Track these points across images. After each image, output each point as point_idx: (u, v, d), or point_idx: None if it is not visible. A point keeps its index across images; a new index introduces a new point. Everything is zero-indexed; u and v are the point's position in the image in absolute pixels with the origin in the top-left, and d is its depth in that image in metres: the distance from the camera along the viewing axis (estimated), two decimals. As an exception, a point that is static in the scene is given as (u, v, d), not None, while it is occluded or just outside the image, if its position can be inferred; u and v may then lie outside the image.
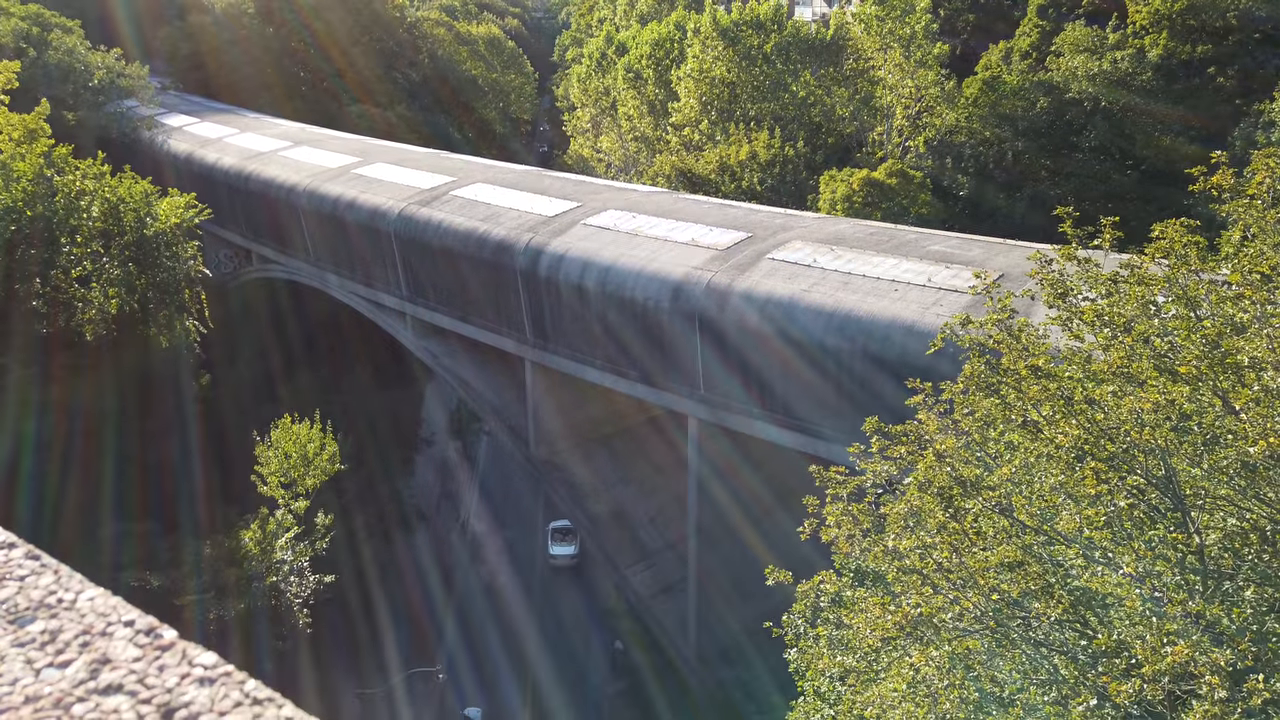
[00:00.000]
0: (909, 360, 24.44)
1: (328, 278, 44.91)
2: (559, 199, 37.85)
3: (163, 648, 1.95)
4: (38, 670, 1.90)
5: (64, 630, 2.00)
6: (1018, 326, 10.05)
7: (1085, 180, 47.29)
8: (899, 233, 31.59)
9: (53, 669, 1.90)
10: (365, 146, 51.49)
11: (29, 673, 1.89)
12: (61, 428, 30.36)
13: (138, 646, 1.96)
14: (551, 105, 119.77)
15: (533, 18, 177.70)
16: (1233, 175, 9.86)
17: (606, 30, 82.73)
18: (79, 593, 2.11)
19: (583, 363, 34.16)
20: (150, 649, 1.95)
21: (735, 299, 28.15)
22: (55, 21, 60.33)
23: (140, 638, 1.99)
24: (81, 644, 1.97)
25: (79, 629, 2.00)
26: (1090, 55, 49.42)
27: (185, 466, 33.67)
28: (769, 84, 59.49)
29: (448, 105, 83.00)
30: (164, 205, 36.56)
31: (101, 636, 1.98)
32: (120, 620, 2.02)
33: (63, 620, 2.02)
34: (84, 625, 2.01)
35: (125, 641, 1.97)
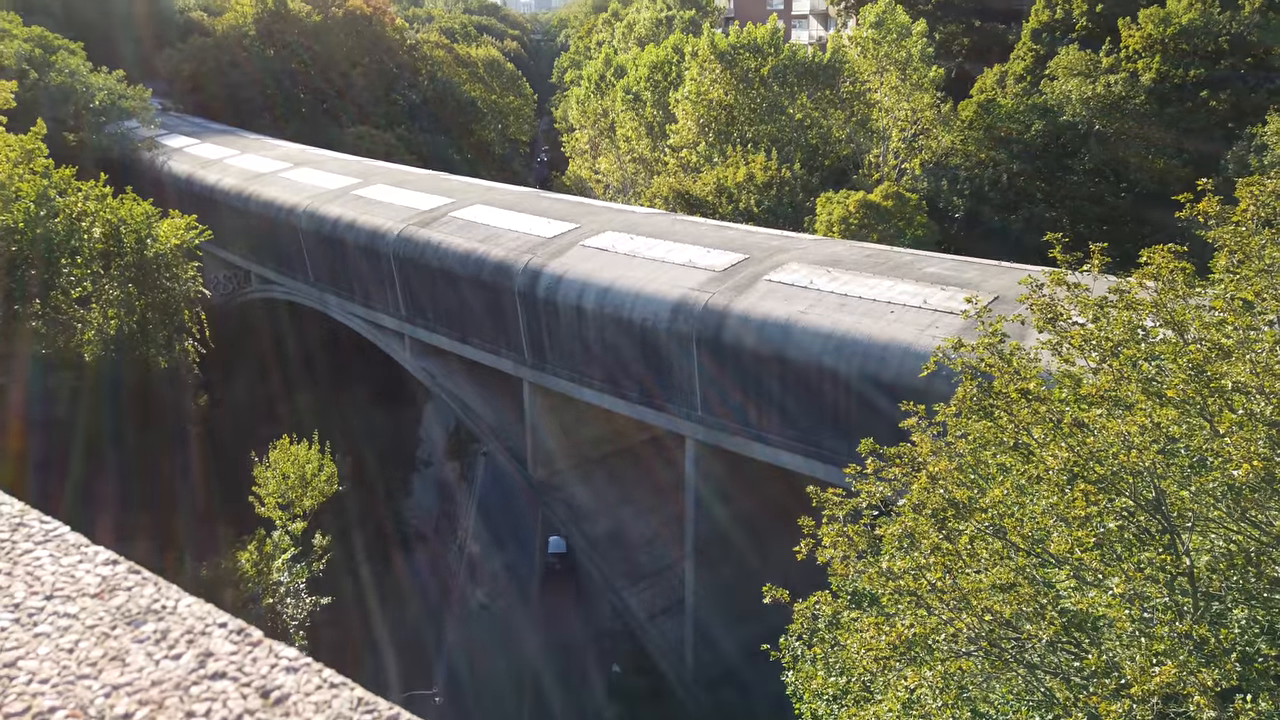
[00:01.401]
0: (905, 381, 24.56)
1: (327, 298, 45.09)
2: (557, 220, 38.09)
3: (253, 644, 2.38)
4: (157, 661, 2.32)
5: (171, 630, 2.42)
6: (1009, 350, 10.21)
7: (1080, 202, 47.68)
8: (895, 255, 31.82)
9: (168, 660, 2.32)
10: (365, 168, 51.82)
11: (150, 663, 2.31)
12: (59, 449, 30.39)
13: (232, 643, 2.38)
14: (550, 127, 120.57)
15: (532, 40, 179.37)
16: (1219, 201, 10.04)
17: (605, 53, 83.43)
18: (178, 600, 2.54)
19: (580, 383, 34.27)
20: (244, 644, 2.38)
21: (733, 320, 28.31)
22: (58, 43, 60.79)
23: (234, 636, 2.41)
24: (187, 641, 2.39)
25: (183, 629, 2.43)
26: (1084, 79, 49.93)
27: (183, 487, 33.70)
28: (766, 106, 60.01)
29: (447, 127, 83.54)
30: (164, 226, 36.73)
31: (202, 635, 2.41)
32: (215, 622, 2.46)
33: (168, 622, 2.45)
34: (186, 626, 2.44)
35: (222, 639, 2.40)
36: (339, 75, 79.67)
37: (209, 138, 61.25)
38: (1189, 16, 48.09)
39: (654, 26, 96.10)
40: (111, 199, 36.24)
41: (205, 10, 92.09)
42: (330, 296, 44.80)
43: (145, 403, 35.51)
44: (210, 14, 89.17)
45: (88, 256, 34.17)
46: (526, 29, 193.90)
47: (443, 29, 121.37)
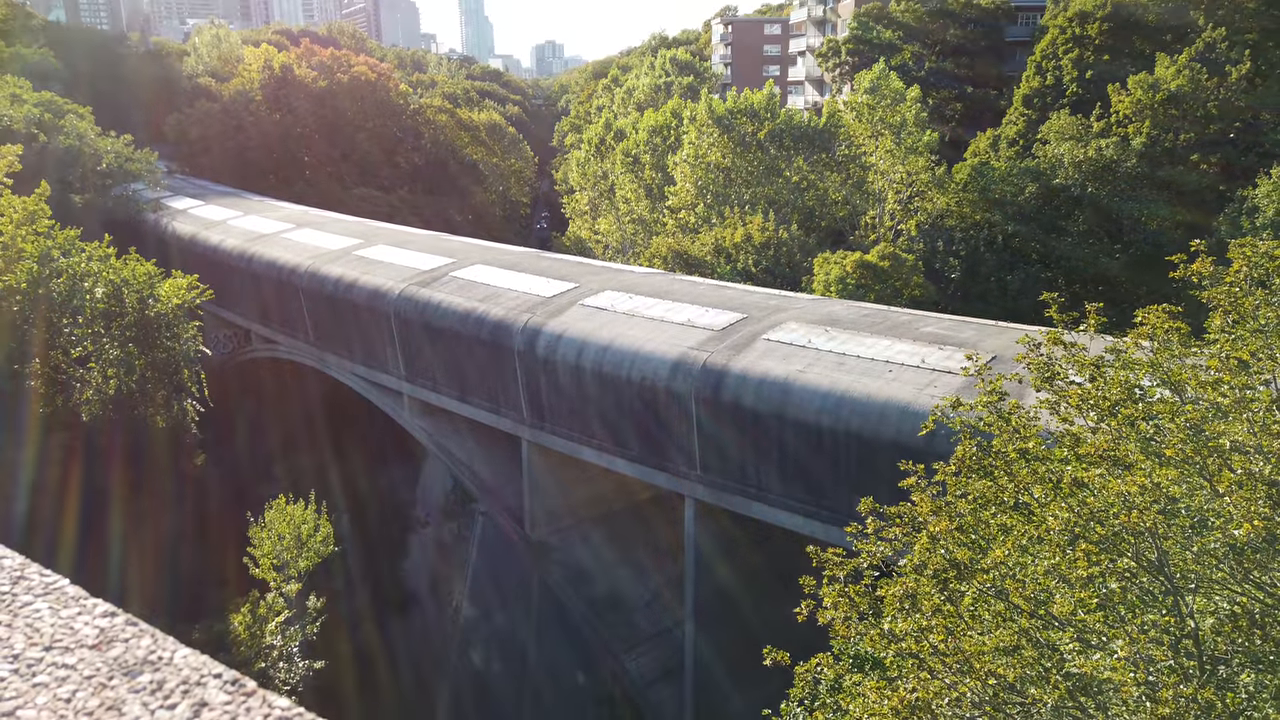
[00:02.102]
0: (904, 440, 24.51)
1: (326, 357, 45.19)
2: (557, 280, 38.38)
3: (247, 694, 2.42)
4: (152, 711, 2.35)
5: (167, 681, 2.47)
6: (1008, 409, 10.22)
7: (1075, 263, 48.12)
8: (892, 314, 32.00)
9: (164, 710, 2.35)
10: (367, 229, 52.37)
11: (146, 712, 2.35)
12: (53, 510, 30.17)
13: (227, 693, 2.42)
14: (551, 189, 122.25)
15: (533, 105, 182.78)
16: (1212, 262, 10.16)
17: (605, 117, 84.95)
18: (174, 651, 2.60)
19: (579, 442, 34.17)
20: (238, 695, 2.41)
21: (731, 379, 28.35)
22: (68, 108, 61.93)
23: (228, 687, 2.45)
24: (183, 691, 2.42)
25: (179, 679, 2.47)
26: (1075, 143, 50.78)
27: (177, 548, 33.36)
28: (763, 169, 60.96)
29: (449, 188, 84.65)
30: (166, 286, 37.01)
31: (197, 686, 2.45)
32: (210, 673, 2.50)
33: (164, 673, 2.49)
34: (182, 677, 2.48)
35: (217, 689, 2.43)
36: (343, 139, 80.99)
37: (213, 199, 62.00)
38: (1177, 83, 49.10)
39: (653, 92, 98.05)
40: (115, 259, 36.56)
41: (213, 76, 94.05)
42: (330, 356, 44.91)
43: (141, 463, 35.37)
44: (218, 79, 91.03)
45: (89, 316, 34.34)
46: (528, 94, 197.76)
47: (446, 94, 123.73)
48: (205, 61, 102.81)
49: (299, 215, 56.78)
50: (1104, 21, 57.31)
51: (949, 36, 79.44)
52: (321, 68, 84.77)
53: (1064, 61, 58.80)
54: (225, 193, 65.72)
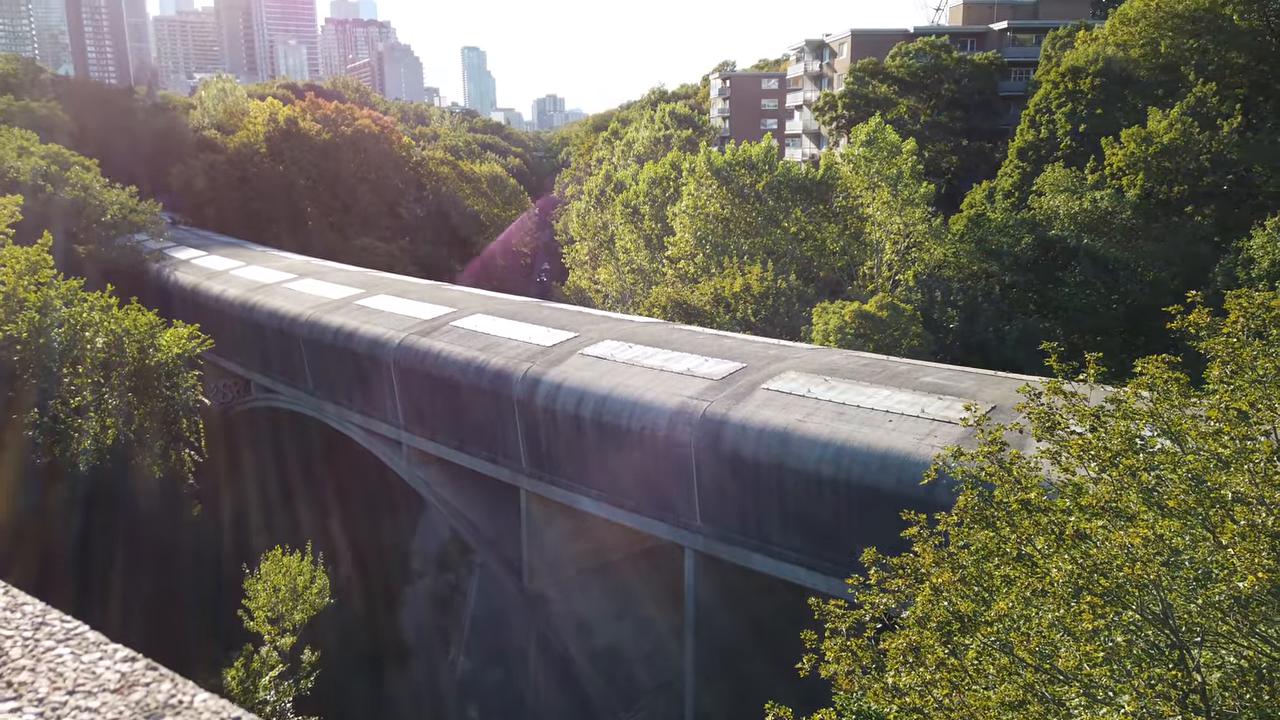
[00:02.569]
0: (905, 491, 24.38)
1: (325, 407, 45.14)
2: (557, 329, 38.51)
3: None
4: None
5: None
6: (1009, 459, 10.19)
7: (1073, 313, 48.28)
8: (891, 364, 32.05)
9: None
10: (368, 279, 52.67)
11: None
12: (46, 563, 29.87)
13: None
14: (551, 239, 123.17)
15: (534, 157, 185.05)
16: (1209, 313, 10.22)
17: (605, 169, 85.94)
18: (194, 695, 2.67)
19: (578, 492, 33.98)
20: None
21: (731, 428, 28.29)
22: (74, 160, 62.71)
23: None
24: None
25: None
26: (1071, 195, 51.30)
27: (171, 601, 32.97)
28: (761, 220, 61.51)
29: (450, 238, 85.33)
30: (167, 336, 37.12)
31: None
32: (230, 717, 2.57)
33: (185, 716, 2.54)
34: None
35: None
36: (346, 190, 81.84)
37: (216, 250, 62.45)
38: (1169, 136, 49.78)
39: (652, 144, 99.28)
40: (117, 309, 36.71)
41: (218, 128, 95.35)
42: (329, 405, 44.86)
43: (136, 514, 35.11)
44: (223, 132, 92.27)
45: (89, 365, 34.37)
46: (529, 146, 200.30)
47: (448, 146, 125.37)
48: (211, 114, 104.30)
49: (301, 265, 57.13)
50: (1096, 76, 58.29)
51: (944, 91, 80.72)
52: (325, 121, 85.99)
53: (1057, 115, 59.68)
54: (228, 243, 66.22)
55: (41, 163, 59.55)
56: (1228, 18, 53.80)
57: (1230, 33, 54.04)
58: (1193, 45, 55.72)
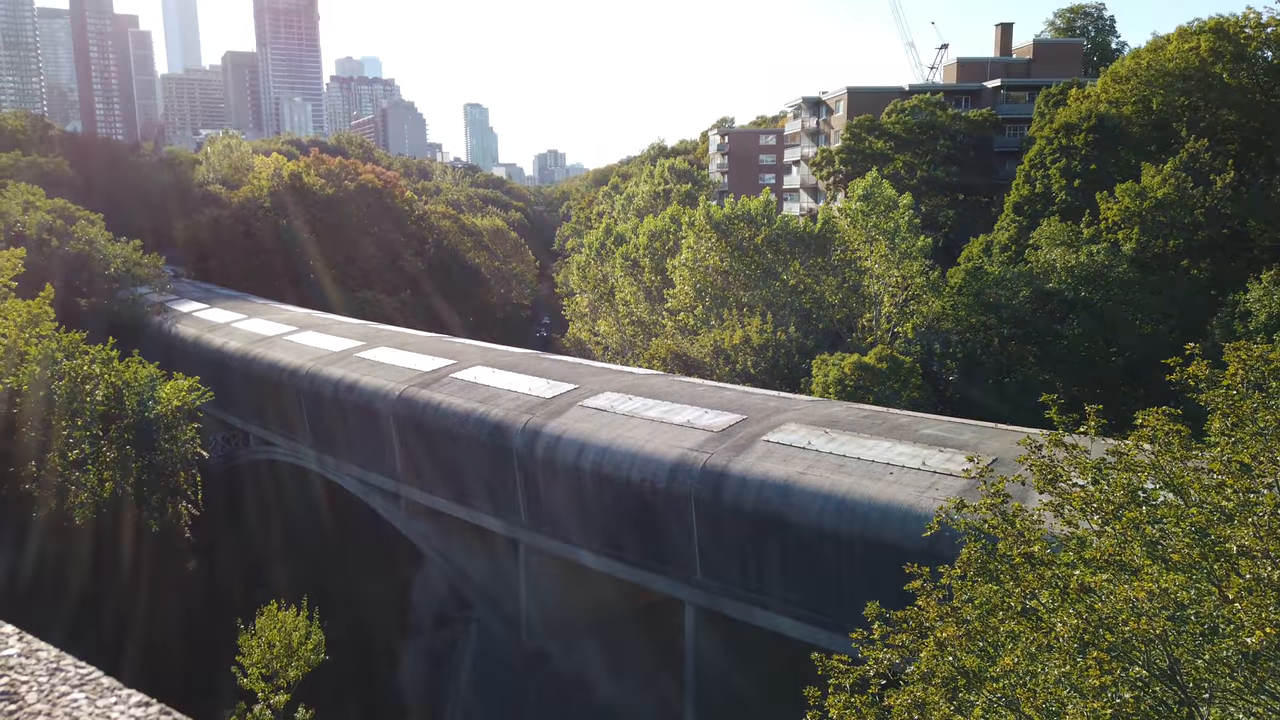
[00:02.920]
0: (908, 544, 24.19)
1: (325, 459, 44.96)
2: (557, 381, 38.52)
3: None
4: None
5: None
6: (1012, 511, 10.14)
7: (1072, 365, 48.35)
8: (892, 416, 32.00)
9: None
10: (369, 331, 52.85)
11: None
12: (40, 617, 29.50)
13: None
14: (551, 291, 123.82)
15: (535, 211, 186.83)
16: (1208, 366, 10.26)
17: (606, 223, 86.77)
18: None
19: (578, 545, 33.69)
20: None
21: (731, 480, 28.15)
22: (79, 214, 63.38)
23: None
24: None
25: None
26: (1067, 248, 51.72)
27: (164, 656, 32.49)
28: (760, 273, 61.94)
29: (451, 291, 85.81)
30: (167, 388, 37.17)
31: None
32: None
33: None
34: None
35: None
36: (348, 243, 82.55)
37: (218, 303, 62.77)
38: (1164, 191, 50.34)
39: (652, 198, 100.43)
40: (118, 362, 36.79)
41: (223, 183, 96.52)
42: (328, 458, 44.69)
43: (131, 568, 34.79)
44: (228, 187, 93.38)
45: (89, 418, 34.35)
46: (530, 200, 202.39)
47: (450, 200, 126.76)
48: (216, 170, 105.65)
49: (302, 318, 57.37)
50: (1089, 132, 59.16)
51: (939, 147, 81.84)
52: (329, 175, 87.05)
53: (1052, 171, 60.44)
54: (230, 296, 66.58)
55: (47, 217, 60.16)
56: (1217, 76, 54.80)
57: (1220, 90, 55.00)
58: (1184, 103, 56.67)
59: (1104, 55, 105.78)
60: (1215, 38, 54.32)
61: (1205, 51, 54.38)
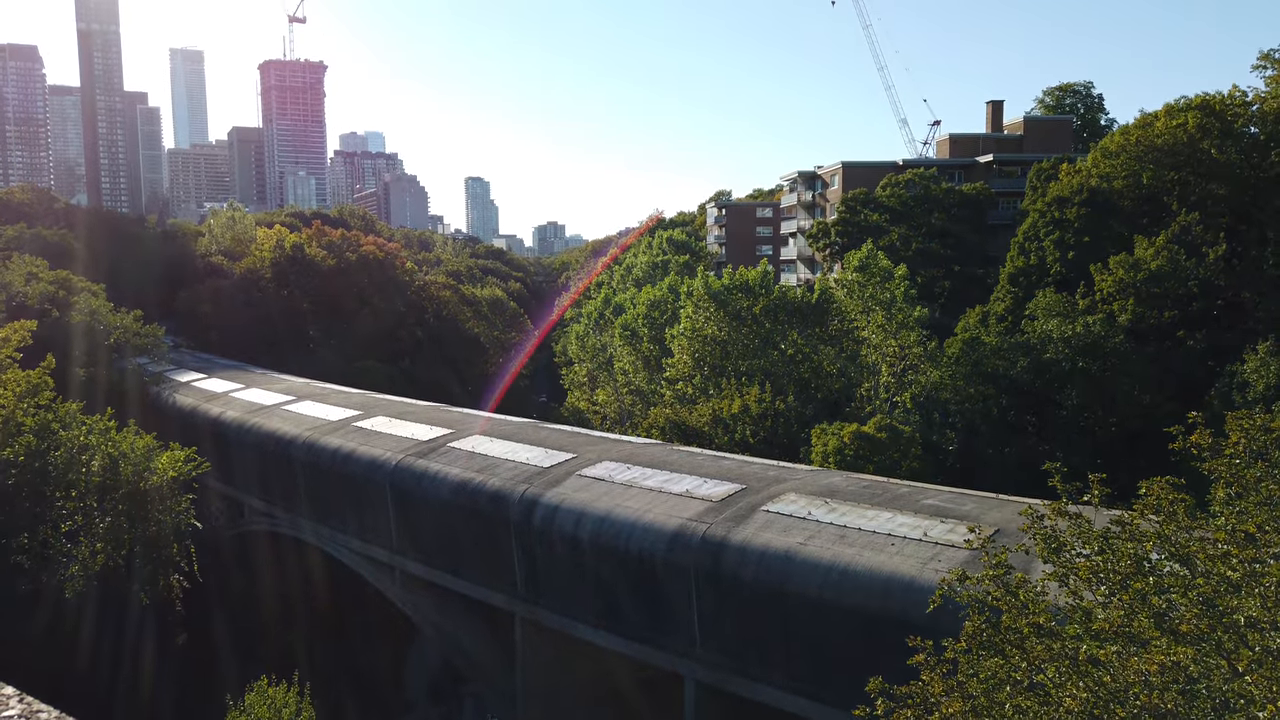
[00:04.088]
0: (910, 617, 23.80)
1: (320, 530, 44.49)
2: (555, 450, 38.34)
3: None
4: None
5: None
6: (1015, 582, 10.01)
7: (1071, 435, 48.26)
8: (892, 486, 31.80)
9: None
10: (367, 400, 52.79)
11: None
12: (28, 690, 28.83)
13: None
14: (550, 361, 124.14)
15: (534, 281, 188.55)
16: (1210, 435, 10.25)
17: (604, 293, 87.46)
18: None
19: (575, 618, 33.13)
20: None
21: (731, 551, 27.83)
22: (81, 285, 63.87)
23: None
24: None
25: None
26: (1063, 319, 52.07)
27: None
28: (758, 342, 62.24)
29: (451, 361, 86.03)
30: (164, 459, 36.96)
31: None
32: None
33: None
34: None
35: None
36: (349, 313, 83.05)
37: (217, 372, 62.85)
38: (1157, 263, 50.92)
39: (650, 269, 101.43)
40: (115, 432, 36.68)
41: (226, 254, 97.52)
42: (324, 529, 44.23)
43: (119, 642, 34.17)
44: (231, 258, 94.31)
45: (83, 489, 34.10)
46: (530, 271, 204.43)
47: (450, 271, 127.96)
48: (219, 241, 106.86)
49: (300, 387, 57.38)
50: (1081, 206, 60.09)
51: (934, 220, 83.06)
52: (331, 247, 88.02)
53: (1046, 243, 61.21)
54: (229, 365, 66.70)
55: (49, 288, 60.64)
56: (1206, 151, 55.89)
57: (1209, 165, 56.03)
58: (1173, 177, 57.68)
59: (1093, 131, 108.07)
60: (1202, 114, 55.57)
61: (1193, 128, 55.57)
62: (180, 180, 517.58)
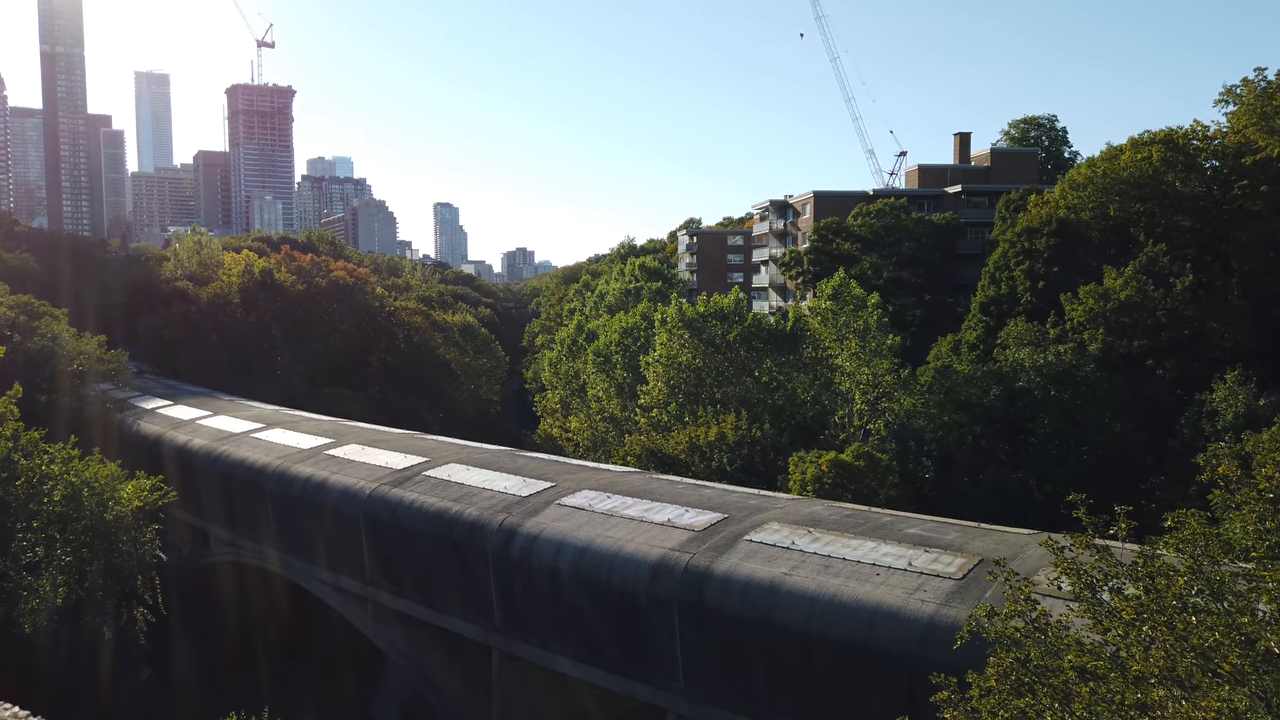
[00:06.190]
0: (896, 647, 23.66)
1: (290, 561, 43.48)
2: (533, 478, 37.84)
3: None
4: None
5: None
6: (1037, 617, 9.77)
7: (1044, 464, 48.50)
8: (874, 515, 31.68)
9: None
10: (338, 428, 51.91)
11: None
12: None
13: None
14: (521, 388, 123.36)
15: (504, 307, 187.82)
16: (1238, 468, 10.13)
17: (578, 319, 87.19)
18: None
19: (555, 651, 32.51)
20: None
21: (715, 582, 27.48)
22: (43, 310, 62.47)
23: None
24: None
25: None
26: (1034, 349, 52.56)
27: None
28: (733, 369, 62.19)
29: (421, 387, 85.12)
30: (129, 489, 35.96)
31: None
32: None
33: None
34: None
35: None
36: (319, 339, 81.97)
37: (183, 399, 61.59)
38: (1126, 293, 51.63)
39: (623, 296, 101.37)
40: (78, 461, 35.66)
41: (192, 279, 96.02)
42: (294, 559, 43.24)
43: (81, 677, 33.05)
44: (196, 283, 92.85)
45: (45, 521, 33.06)
46: (500, 297, 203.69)
47: (420, 297, 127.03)
48: (185, 266, 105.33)
49: (270, 414, 56.34)
50: (1050, 236, 60.94)
51: (904, 249, 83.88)
52: (301, 272, 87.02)
53: (1016, 273, 61.95)
54: (196, 392, 65.42)
55: (10, 313, 59.22)
56: (1170, 184, 57.00)
57: (1174, 198, 57.13)
58: (1139, 209, 58.71)
59: (1058, 164, 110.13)
60: (1166, 148, 56.72)
61: (1157, 161, 56.68)
62: (144, 204, 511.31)
